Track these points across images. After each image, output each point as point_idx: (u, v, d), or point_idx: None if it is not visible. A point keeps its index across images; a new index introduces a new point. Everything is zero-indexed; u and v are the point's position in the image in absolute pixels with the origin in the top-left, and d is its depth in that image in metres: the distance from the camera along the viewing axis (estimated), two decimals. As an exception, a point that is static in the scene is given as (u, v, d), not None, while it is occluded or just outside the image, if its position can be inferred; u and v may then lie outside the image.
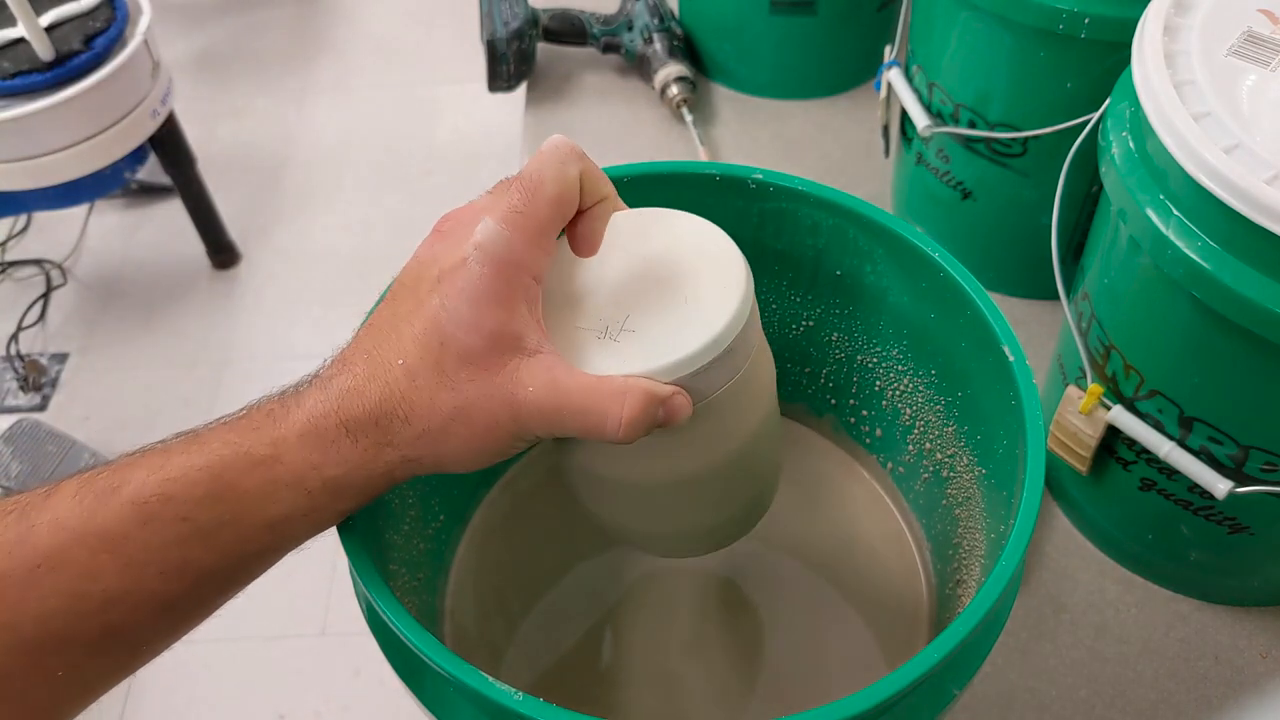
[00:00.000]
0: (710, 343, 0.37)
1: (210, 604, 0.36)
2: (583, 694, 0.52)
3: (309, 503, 0.35)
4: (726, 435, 0.41)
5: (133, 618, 0.33)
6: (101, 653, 0.33)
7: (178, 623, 0.35)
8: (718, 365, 0.38)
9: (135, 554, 0.32)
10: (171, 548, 0.33)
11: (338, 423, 0.34)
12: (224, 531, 0.34)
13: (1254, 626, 0.59)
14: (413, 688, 0.41)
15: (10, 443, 1.39)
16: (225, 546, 0.34)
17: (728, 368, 0.39)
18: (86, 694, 0.34)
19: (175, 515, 0.33)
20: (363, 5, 2.29)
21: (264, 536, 0.35)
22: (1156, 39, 0.47)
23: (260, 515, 0.34)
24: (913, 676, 0.34)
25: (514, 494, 0.59)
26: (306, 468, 0.34)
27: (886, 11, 0.87)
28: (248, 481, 0.34)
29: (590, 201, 0.37)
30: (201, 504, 0.33)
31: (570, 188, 0.35)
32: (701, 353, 0.37)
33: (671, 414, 0.36)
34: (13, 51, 1.33)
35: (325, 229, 1.84)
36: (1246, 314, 0.43)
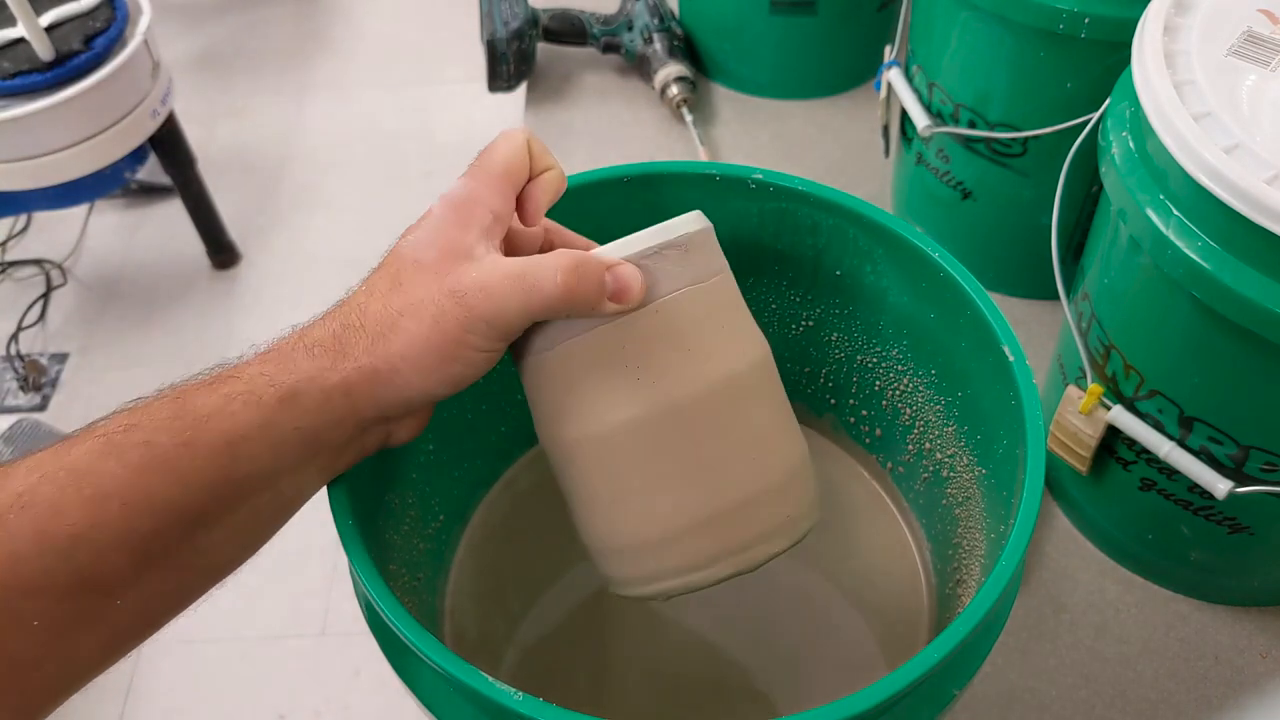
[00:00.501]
0: (657, 230, 0.40)
1: (179, 549, 0.35)
2: (583, 694, 0.52)
3: (261, 415, 0.36)
4: (692, 357, 0.40)
5: (100, 559, 0.33)
6: (72, 597, 0.33)
7: (147, 566, 0.34)
8: (672, 258, 0.39)
9: (100, 486, 0.33)
10: (135, 477, 0.34)
11: (297, 342, 0.38)
12: (183, 455, 0.34)
13: (1254, 626, 0.59)
14: (413, 688, 0.41)
15: (10, 443, 1.39)
16: (185, 472, 0.34)
17: (685, 266, 0.40)
18: (64, 646, 0.33)
19: (138, 441, 0.34)
20: (363, 5, 2.29)
21: (221, 459, 0.35)
22: (1156, 39, 0.47)
23: (216, 433, 0.35)
24: (913, 676, 0.34)
25: (514, 494, 0.59)
26: (262, 382, 0.36)
27: (886, 11, 0.87)
28: (204, 398, 0.36)
29: (538, 167, 0.41)
30: (162, 426, 0.35)
31: (517, 148, 0.40)
32: (648, 236, 0.40)
33: (620, 282, 0.38)
34: (13, 51, 1.33)
35: (325, 229, 1.84)
36: (1246, 314, 0.43)
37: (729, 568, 0.41)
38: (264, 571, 1.55)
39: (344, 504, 0.41)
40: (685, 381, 0.40)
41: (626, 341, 0.39)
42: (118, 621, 0.35)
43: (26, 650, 0.33)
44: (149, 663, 1.32)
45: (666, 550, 0.41)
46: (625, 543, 0.42)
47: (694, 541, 0.41)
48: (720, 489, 0.41)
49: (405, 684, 0.41)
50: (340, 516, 0.40)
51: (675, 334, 0.40)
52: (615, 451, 0.40)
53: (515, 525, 0.58)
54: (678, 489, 0.41)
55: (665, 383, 0.40)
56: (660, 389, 0.40)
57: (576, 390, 0.40)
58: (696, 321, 0.40)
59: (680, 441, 0.40)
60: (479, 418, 0.55)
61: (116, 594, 0.34)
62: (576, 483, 0.42)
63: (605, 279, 0.38)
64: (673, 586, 0.42)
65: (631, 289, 0.39)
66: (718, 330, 0.41)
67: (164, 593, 0.36)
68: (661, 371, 0.40)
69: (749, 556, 0.42)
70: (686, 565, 0.41)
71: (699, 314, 0.40)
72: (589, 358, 0.40)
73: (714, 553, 0.41)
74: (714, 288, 0.41)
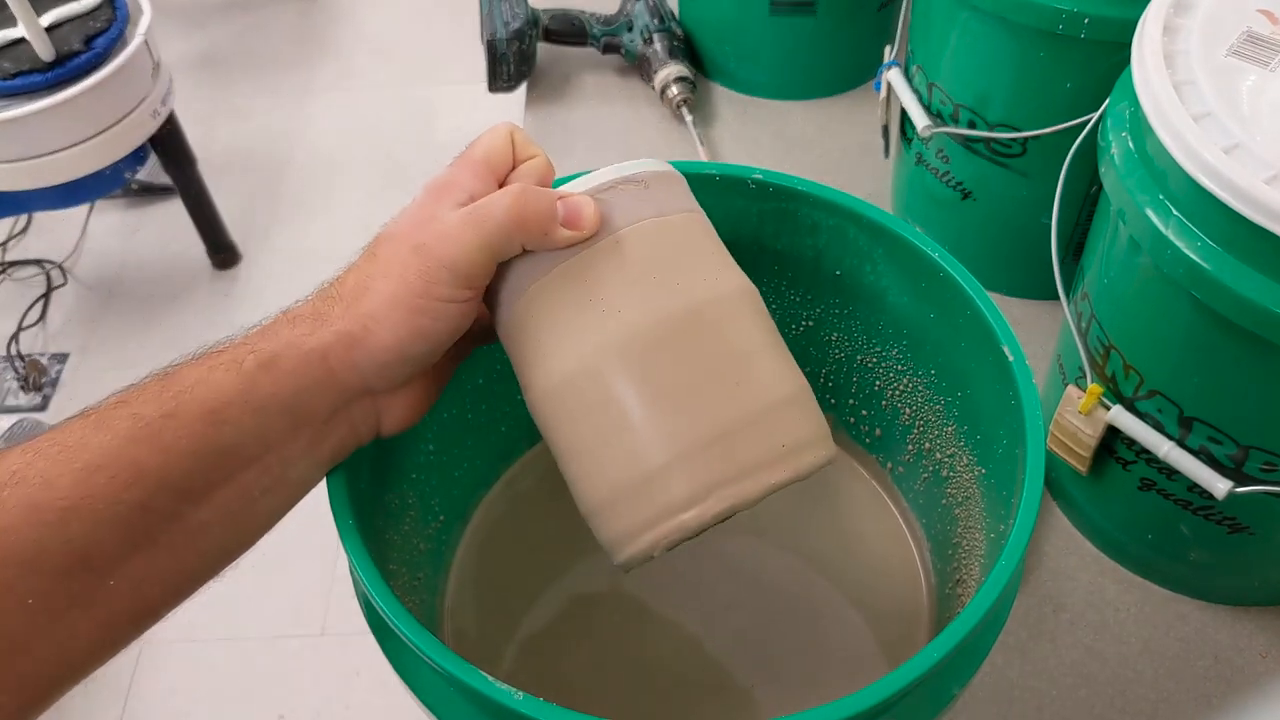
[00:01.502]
0: (616, 167, 0.41)
1: (169, 526, 0.35)
2: (583, 694, 0.52)
3: (241, 380, 0.36)
4: (659, 286, 0.39)
5: (91, 532, 0.33)
6: (65, 574, 0.33)
7: (137, 542, 0.35)
8: (630, 193, 0.40)
9: (89, 459, 0.34)
10: (122, 448, 0.34)
11: (281, 315, 0.39)
12: (167, 424, 0.35)
13: (1254, 626, 0.59)
14: (413, 688, 0.41)
15: (10, 442, 1.39)
16: (169, 441, 0.35)
17: (645, 200, 0.40)
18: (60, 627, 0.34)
19: (127, 414, 0.35)
20: (363, 5, 2.29)
21: (204, 425, 0.36)
22: (1156, 39, 0.47)
23: (198, 400, 0.36)
24: (913, 676, 0.34)
25: (514, 494, 0.59)
26: (244, 351, 0.37)
27: (886, 11, 0.87)
28: (190, 371, 0.37)
29: (521, 156, 0.42)
30: (149, 399, 0.36)
31: (498, 139, 0.41)
32: (607, 172, 0.40)
33: (572, 208, 0.39)
34: (13, 51, 1.33)
35: (325, 229, 1.84)
36: (1246, 314, 0.43)
37: (722, 502, 0.39)
38: (264, 571, 1.55)
39: (344, 504, 0.41)
40: (653, 309, 0.39)
41: (589, 277, 0.39)
42: (113, 604, 0.35)
43: (22, 629, 0.33)
44: (149, 663, 1.32)
45: (654, 489, 0.39)
46: (612, 490, 0.40)
47: (681, 475, 0.38)
48: (700, 416, 0.39)
49: (405, 684, 0.41)
50: (340, 516, 0.40)
51: (640, 264, 0.40)
52: (587, 390, 0.39)
53: (515, 525, 0.58)
54: (655, 420, 0.39)
55: (632, 312, 0.39)
56: (626, 318, 0.39)
57: (545, 333, 0.40)
58: (662, 253, 0.40)
59: (652, 371, 0.39)
60: (479, 417, 0.55)
61: (109, 572, 0.34)
62: (557, 434, 0.41)
63: (557, 205, 0.39)
64: (668, 531, 0.39)
65: (583, 214, 0.39)
66: (687, 262, 0.40)
67: (157, 575, 0.36)
68: (628, 302, 0.39)
69: (743, 488, 0.39)
70: (677, 502, 0.39)
71: (665, 246, 0.40)
72: (554, 298, 0.40)
73: (703, 485, 0.38)
74: (680, 223, 0.41)
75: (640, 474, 0.39)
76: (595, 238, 0.40)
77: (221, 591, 0.39)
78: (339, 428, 0.40)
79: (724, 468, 0.39)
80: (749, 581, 0.56)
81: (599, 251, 0.39)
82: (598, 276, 0.39)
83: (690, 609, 0.55)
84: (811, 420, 0.42)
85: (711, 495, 0.39)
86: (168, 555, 0.36)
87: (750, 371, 0.40)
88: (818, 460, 0.41)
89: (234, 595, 1.39)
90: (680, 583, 0.56)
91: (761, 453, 0.39)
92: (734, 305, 0.41)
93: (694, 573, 0.56)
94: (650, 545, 0.40)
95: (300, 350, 0.38)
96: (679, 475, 0.39)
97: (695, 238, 0.42)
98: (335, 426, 0.40)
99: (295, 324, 0.38)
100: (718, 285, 0.41)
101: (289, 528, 0.41)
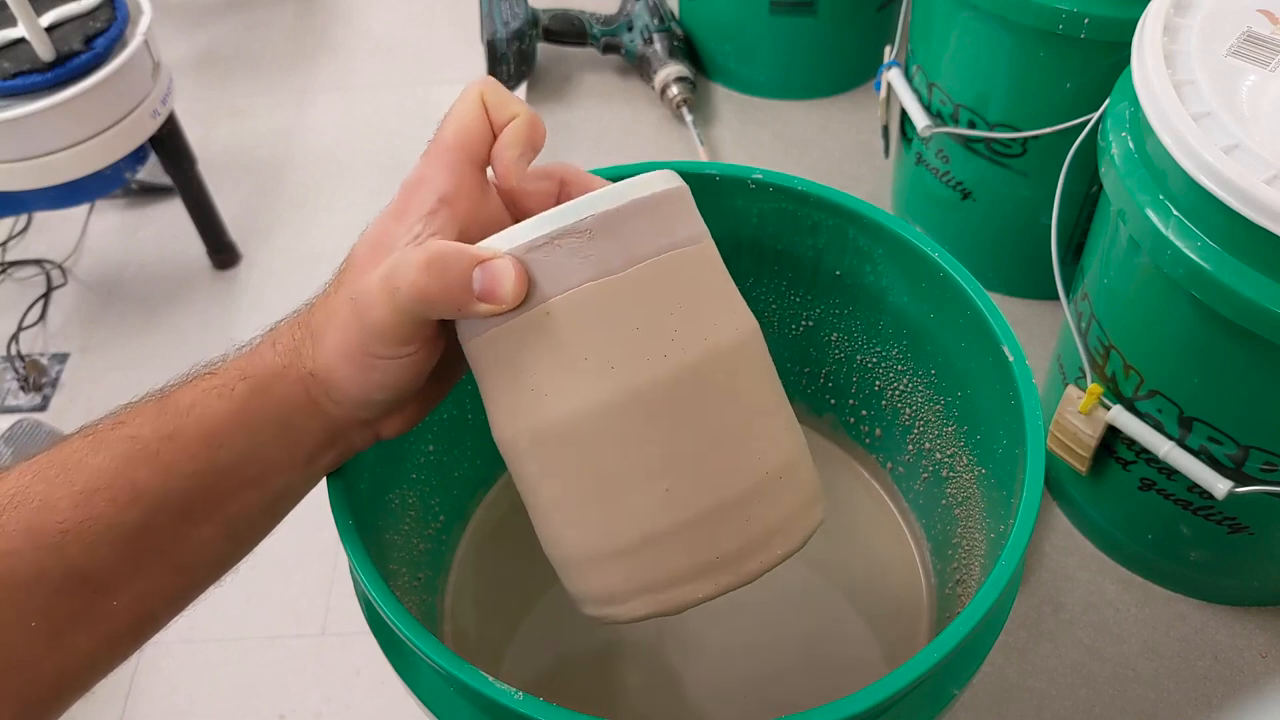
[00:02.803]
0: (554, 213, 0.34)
1: (170, 545, 0.36)
2: (583, 694, 0.52)
3: (235, 406, 0.36)
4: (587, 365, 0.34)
5: (91, 553, 0.33)
6: (66, 594, 0.33)
7: (139, 562, 0.35)
8: (567, 249, 0.34)
9: (88, 481, 0.34)
10: (121, 470, 0.34)
11: (265, 340, 0.38)
12: (166, 446, 0.35)
13: (1254, 626, 0.59)
14: (413, 687, 0.41)
15: (10, 443, 1.39)
16: (168, 463, 0.35)
17: (583, 258, 0.34)
18: (63, 645, 0.34)
19: (124, 435, 0.35)
20: (363, 5, 2.29)
21: (202, 447, 0.35)
22: (1156, 39, 0.47)
23: (195, 422, 0.36)
24: (913, 676, 0.34)
25: (514, 494, 0.58)
26: (234, 377, 0.37)
27: (886, 11, 0.87)
28: (185, 394, 0.36)
29: (501, 117, 0.37)
30: (147, 421, 0.35)
31: (469, 110, 0.37)
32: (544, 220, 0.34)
33: (489, 281, 0.34)
34: (13, 51, 1.33)
35: (325, 229, 1.84)
36: (1246, 314, 0.43)
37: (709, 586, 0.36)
38: (264, 571, 1.55)
39: (344, 504, 0.41)
40: (581, 395, 0.35)
41: (515, 352, 0.35)
42: (115, 620, 0.35)
43: (24, 649, 0.33)
44: (149, 663, 1.32)
45: (626, 564, 0.36)
46: (578, 552, 0.37)
47: (660, 554, 0.35)
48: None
49: (405, 684, 0.41)
50: (340, 516, 0.40)
51: (569, 341, 0.34)
52: (528, 463, 0.37)
53: (515, 525, 0.58)
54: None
55: (557, 398, 0.35)
56: (551, 404, 0.35)
57: (489, 392, 0.37)
58: (601, 325, 0.34)
59: (581, 460, 0.35)
60: (479, 417, 0.55)
61: (111, 591, 0.34)
62: (517, 482, 0.38)
63: (474, 275, 0.34)
64: (637, 608, 0.37)
65: (501, 287, 0.34)
66: (635, 331, 0.35)
67: (159, 591, 0.36)
68: (553, 385, 0.35)
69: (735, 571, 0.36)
70: (653, 581, 0.36)
71: (606, 316, 0.34)
72: (489, 361, 0.36)
73: (687, 567, 0.36)
74: (631, 282, 0.35)
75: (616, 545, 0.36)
76: (524, 306, 0.35)
77: (221, 591, 0.39)
78: (335, 446, 0.39)
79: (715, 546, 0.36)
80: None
81: (526, 324, 0.35)
82: (522, 353, 0.35)
83: (690, 609, 0.55)
84: (789, 500, 0.37)
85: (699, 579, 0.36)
86: (168, 572, 0.36)
87: (703, 463, 0.35)
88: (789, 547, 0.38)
89: (234, 595, 1.39)
90: (680, 583, 0.56)
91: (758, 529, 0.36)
92: (691, 381, 0.35)
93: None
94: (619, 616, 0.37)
95: (286, 380, 0.37)
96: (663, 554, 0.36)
97: (644, 300, 0.35)
98: (331, 446, 0.39)
99: (278, 352, 0.37)
100: (668, 362, 0.35)
101: (289, 528, 0.41)
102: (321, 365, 0.37)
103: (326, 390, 0.37)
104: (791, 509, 0.38)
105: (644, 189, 0.36)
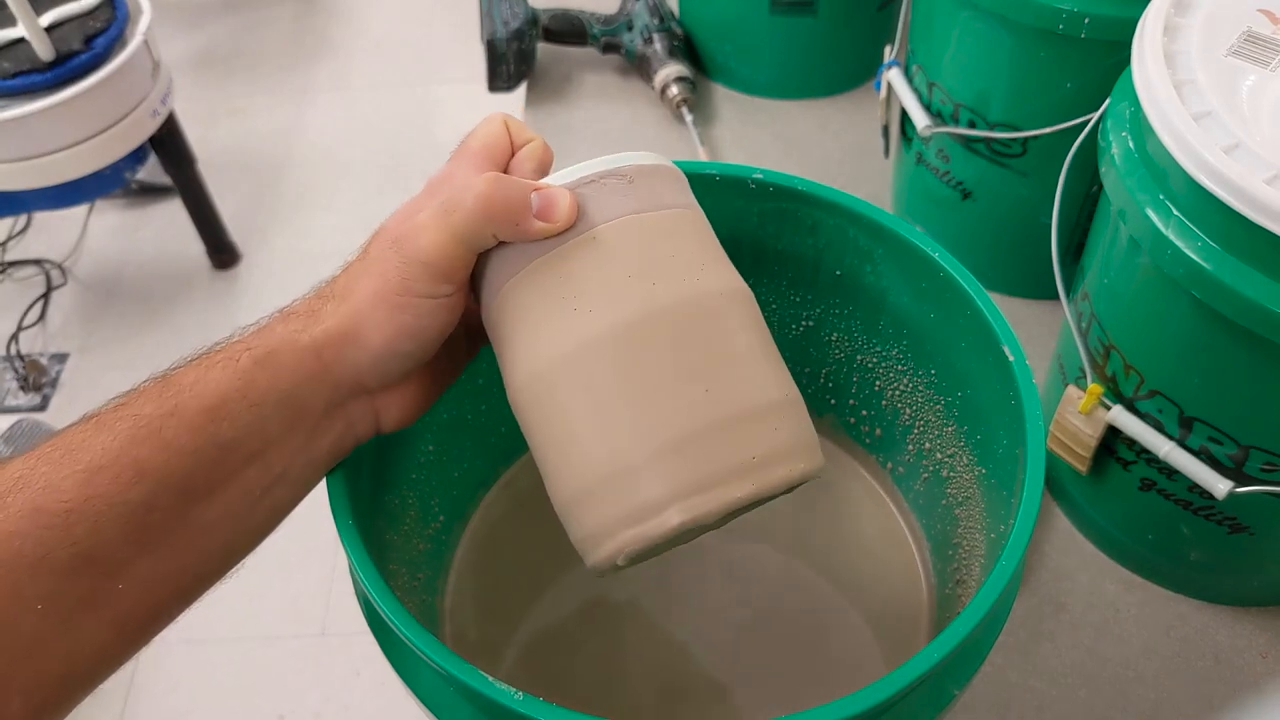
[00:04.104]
0: (603, 160, 0.40)
1: (174, 525, 0.36)
2: (583, 694, 0.52)
3: (238, 376, 0.37)
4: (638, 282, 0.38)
5: (96, 533, 0.34)
6: (72, 576, 0.33)
7: (143, 543, 0.35)
8: (613, 187, 0.39)
9: (91, 460, 0.34)
10: (124, 448, 0.34)
11: (277, 314, 0.39)
12: (168, 422, 0.35)
13: (1254, 626, 0.59)
14: (413, 688, 0.41)
15: (10, 443, 1.39)
16: (170, 439, 0.35)
17: (628, 195, 0.39)
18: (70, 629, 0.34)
19: (127, 415, 0.35)
20: (363, 5, 2.29)
21: (204, 421, 0.36)
22: (1156, 39, 0.47)
23: (197, 398, 0.36)
24: (913, 676, 0.34)
25: (514, 494, 0.59)
26: (240, 349, 0.38)
27: (886, 11, 0.87)
28: (187, 372, 0.37)
29: (520, 139, 0.42)
30: (149, 400, 0.36)
31: (494, 127, 0.41)
32: (592, 165, 0.39)
33: (546, 202, 0.38)
34: (13, 51, 1.33)
35: (325, 229, 1.84)
36: (1246, 314, 0.43)
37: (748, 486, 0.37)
38: (264, 571, 1.55)
39: (344, 504, 0.41)
40: (625, 309, 0.37)
41: (562, 273, 0.38)
42: (121, 605, 0.35)
43: (33, 631, 0.33)
44: (149, 662, 1.32)
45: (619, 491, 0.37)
46: (579, 485, 0.38)
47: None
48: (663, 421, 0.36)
49: (405, 684, 0.41)
50: (340, 516, 0.40)
51: (615, 262, 0.38)
52: (558, 388, 0.38)
53: (515, 525, 0.58)
54: (622, 420, 0.37)
55: (604, 312, 0.37)
56: (598, 318, 0.37)
57: (521, 329, 0.39)
58: (640, 250, 0.38)
59: (621, 372, 0.37)
60: (479, 418, 0.55)
61: (117, 574, 0.34)
62: (531, 430, 0.40)
63: (531, 196, 0.37)
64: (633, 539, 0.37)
65: (558, 206, 0.38)
66: (666, 261, 0.38)
67: (164, 576, 0.36)
68: (600, 301, 0.37)
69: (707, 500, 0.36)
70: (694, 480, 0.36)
71: (643, 243, 0.39)
72: (529, 294, 0.38)
73: (726, 466, 0.37)
74: (662, 220, 0.39)
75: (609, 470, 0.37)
76: (572, 232, 0.38)
77: (222, 591, 0.39)
78: (336, 424, 0.40)
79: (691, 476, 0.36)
80: (749, 582, 0.56)
81: (574, 247, 0.38)
82: (570, 273, 0.38)
83: (690, 609, 0.55)
84: (787, 432, 0.38)
85: (673, 506, 0.36)
86: (173, 556, 0.36)
87: (725, 376, 0.38)
88: (790, 475, 0.38)
89: (234, 595, 1.39)
90: (680, 583, 0.56)
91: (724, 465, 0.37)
92: (716, 306, 0.39)
93: (694, 573, 0.56)
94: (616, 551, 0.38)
95: (295, 346, 0.38)
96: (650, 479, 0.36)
97: (678, 235, 0.40)
98: (332, 422, 0.39)
99: (289, 321, 0.39)
100: (699, 285, 0.39)
101: (289, 528, 0.41)
102: (347, 316, 0.38)
103: (347, 343, 0.38)
104: (810, 434, 0.40)
105: (658, 159, 0.41)
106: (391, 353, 0.38)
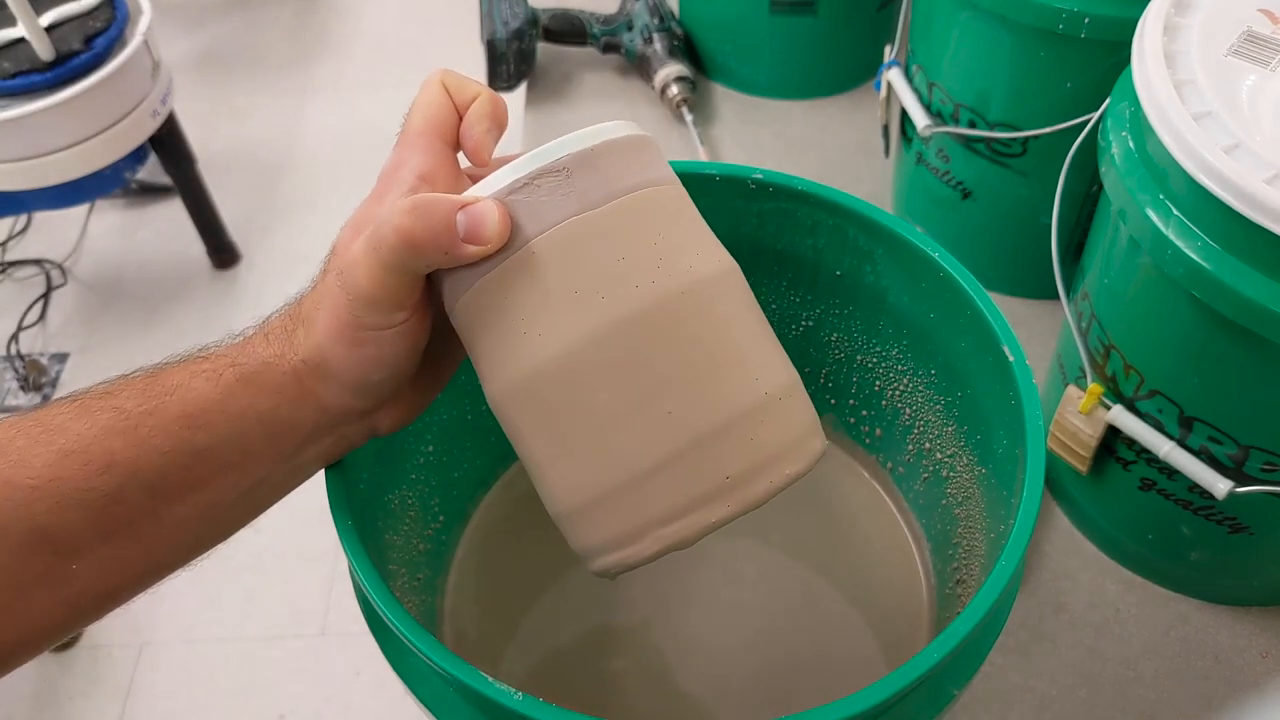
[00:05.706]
0: (530, 156, 0.35)
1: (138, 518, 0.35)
2: (583, 694, 0.52)
3: (221, 391, 0.36)
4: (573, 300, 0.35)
5: (57, 514, 0.34)
6: (28, 550, 0.33)
7: (107, 531, 0.35)
8: (547, 188, 0.35)
9: (65, 443, 0.34)
10: (99, 437, 0.34)
11: (258, 331, 0.39)
12: (146, 420, 0.35)
13: (1254, 626, 0.59)
14: (413, 688, 0.41)
15: (10, 443, 1.39)
16: (145, 437, 0.35)
17: (564, 194, 0.35)
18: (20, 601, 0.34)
19: (110, 405, 0.35)
20: (363, 5, 2.29)
21: (180, 427, 0.36)
22: (1156, 39, 0.47)
23: (178, 402, 0.36)
24: (913, 676, 0.34)
25: (514, 494, 0.59)
26: (224, 364, 0.37)
27: (886, 11, 0.87)
28: (174, 374, 0.37)
29: (463, 98, 0.39)
30: (133, 394, 0.36)
31: (432, 96, 0.38)
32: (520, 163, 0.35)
33: (474, 223, 0.34)
34: (13, 51, 1.33)
35: (325, 229, 1.83)
36: (1246, 314, 0.43)
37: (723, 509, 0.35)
38: (264, 571, 1.55)
39: (344, 504, 0.41)
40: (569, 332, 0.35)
41: (504, 296, 0.35)
42: (75, 585, 0.35)
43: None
44: (149, 663, 1.32)
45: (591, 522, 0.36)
46: (555, 510, 0.37)
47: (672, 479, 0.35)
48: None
49: (405, 684, 0.41)
50: (340, 516, 0.40)
51: (555, 279, 0.35)
52: (516, 416, 0.37)
53: (515, 525, 0.58)
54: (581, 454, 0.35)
55: (549, 337, 0.35)
56: (544, 343, 0.35)
57: (479, 347, 0.37)
58: (586, 258, 0.35)
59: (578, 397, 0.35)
60: (479, 418, 0.55)
61: (74, 555, 0.34)
62: (516, 442, 0.38)
63: (457, 219, 0.34)
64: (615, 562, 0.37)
65: (485, 226, 0.34)
66: (620, 261, 0.35)
67: (125, 564, 0.36)
68: (543, 324, 0.35)
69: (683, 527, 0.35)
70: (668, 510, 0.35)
71: (589, 249, 0.35)
72: (479, 315, 0.36)
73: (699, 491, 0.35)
74: (614, 214, 0.35)
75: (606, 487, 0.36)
76: (509, 248, 0.35)
77: (222, 591, 0.39)
78: (326, 437, 0.39)
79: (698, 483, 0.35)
80: (749, 582, 0.56)
81: (511, 267, 0.35)
82: (510, 297, 0.35)
83: (690, 609, 0.55)
84: (767, 436, 0.36)
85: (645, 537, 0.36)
86: (137, 546, 0.36)
87: (691, 391, 0.35)
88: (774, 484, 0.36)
89: (234, 595, 1.39)
90: (680, 583, 0.56)
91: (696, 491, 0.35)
92: (677, 308, 0.35)
93: (694, 573, 0.56)
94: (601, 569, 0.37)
95: (276, 371, 0.37)
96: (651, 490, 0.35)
97: (627, 231, 0.36)
98: (321, 438, 0.39)
99: (270, 342, 0.38)
100: (654, 289, 0.35)
101: (289, 528, 0.41)
102: (314, 350, 0.37)
103: (321, 376, 0.37)
104: (797, 431, 0.37)
105: (615, 132, 0.37)
106: (365, 383, 0.37)
